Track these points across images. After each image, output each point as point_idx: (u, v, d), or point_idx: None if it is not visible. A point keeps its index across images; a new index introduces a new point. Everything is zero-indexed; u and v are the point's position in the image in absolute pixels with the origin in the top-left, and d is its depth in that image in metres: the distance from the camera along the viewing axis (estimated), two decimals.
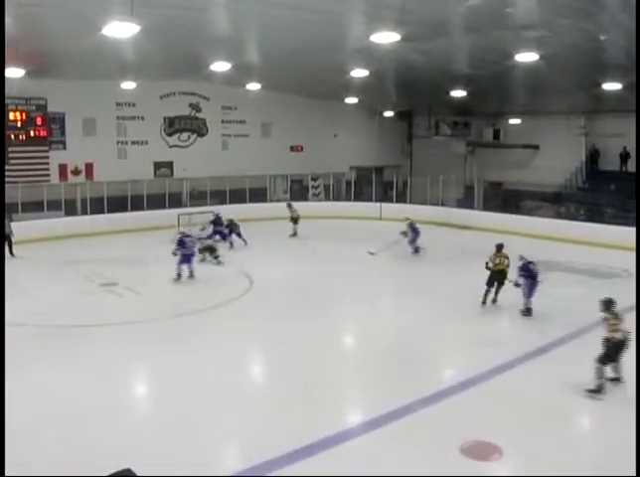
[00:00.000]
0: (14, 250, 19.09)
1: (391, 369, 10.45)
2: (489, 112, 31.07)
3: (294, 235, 23.24)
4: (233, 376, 10.19)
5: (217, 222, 21.42)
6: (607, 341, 9.24)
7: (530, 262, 13.36)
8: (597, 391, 9.11)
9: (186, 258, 16.09)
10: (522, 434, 8.07)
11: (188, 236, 16.45)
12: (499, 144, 31.27)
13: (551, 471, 7.14)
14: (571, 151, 28.15)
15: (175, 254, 16.08)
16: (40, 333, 12.17)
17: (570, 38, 16.21)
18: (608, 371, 9.33)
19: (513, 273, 13.42)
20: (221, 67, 19.91)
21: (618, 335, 9.17)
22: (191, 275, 16.33)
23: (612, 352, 9.22)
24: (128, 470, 6.07)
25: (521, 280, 13.27)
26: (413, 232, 20.11)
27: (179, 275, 16.14)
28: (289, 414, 8.67)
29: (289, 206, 23.81)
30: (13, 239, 19.24)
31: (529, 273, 13.20)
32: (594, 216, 24.07)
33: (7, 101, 22.73)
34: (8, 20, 13.84)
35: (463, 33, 16.48)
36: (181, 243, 16.06)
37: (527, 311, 13.29)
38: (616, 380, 9.44)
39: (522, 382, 9.85)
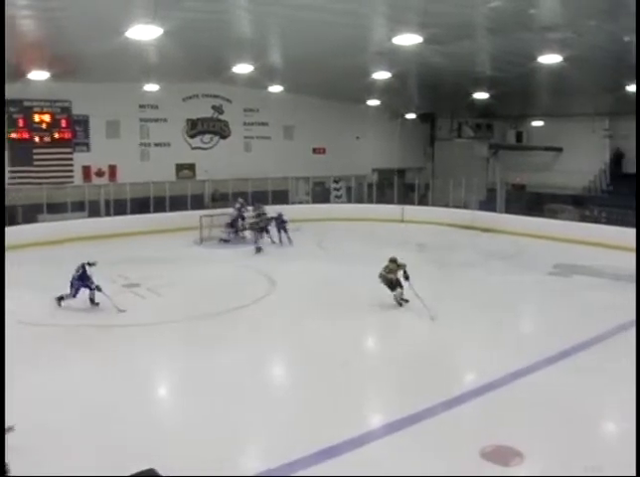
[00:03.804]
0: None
1: (413, 372, 10.40)
2: (512, 115, 30.87)
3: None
4: (255, 377, 10.22)
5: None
6: (382, 276, 13.72)
7: (280, 214, 22.03)
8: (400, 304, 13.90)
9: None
10: (543, 439, 8.01)
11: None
12: (522, 146, 31.04)
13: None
14: (595, 153, 27.86)
15: None
16: (61, 333, 12.33)
17: (595, 39, 16.05)
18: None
19: None
20: (243, 69, 19.96)
21: (388, 275, 13.69)
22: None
23: (388, 285, 13.72)
24: (151, 470, 6.12)
25: (273, 224, 21.63)
26: None
27: None
28: (312, 416, 8.68)
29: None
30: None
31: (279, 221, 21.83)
32: (619, 219, 23.81)
33: (33, 104, 23.16)
34: (34, 24, 14.07)
35: (486, 35, 16.38)
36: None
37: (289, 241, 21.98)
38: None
39: (544, 386, 9.75)
